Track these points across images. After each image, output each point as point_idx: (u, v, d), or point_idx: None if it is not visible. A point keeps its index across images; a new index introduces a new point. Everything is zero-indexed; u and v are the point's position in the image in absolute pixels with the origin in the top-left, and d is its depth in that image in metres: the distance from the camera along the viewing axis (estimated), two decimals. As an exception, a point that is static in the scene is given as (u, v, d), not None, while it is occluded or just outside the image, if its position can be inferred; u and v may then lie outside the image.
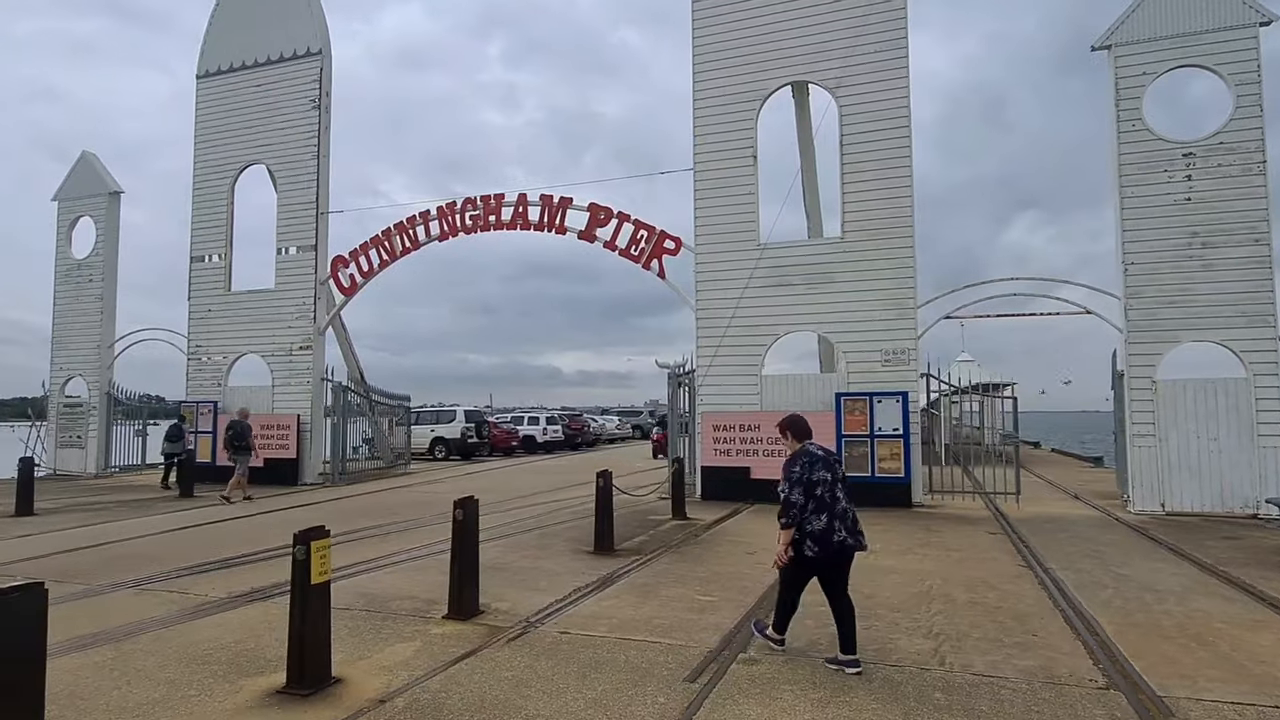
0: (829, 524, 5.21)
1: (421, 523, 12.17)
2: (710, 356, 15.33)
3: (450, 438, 27.71)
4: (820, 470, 5.35)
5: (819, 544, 5.21)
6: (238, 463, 15.62)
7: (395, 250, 18.38)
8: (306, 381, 18.79)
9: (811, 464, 5.38)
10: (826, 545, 5.20)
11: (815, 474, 5.33)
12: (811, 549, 5.23)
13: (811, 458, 5.44)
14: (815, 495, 5.25)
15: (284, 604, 6.94)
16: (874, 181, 14.40)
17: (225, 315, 19.69)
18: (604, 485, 9.60)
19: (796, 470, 5.37)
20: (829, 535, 5.20)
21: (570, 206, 16.79)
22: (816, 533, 5.21)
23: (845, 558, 5.34)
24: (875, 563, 8.77)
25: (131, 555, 9.53)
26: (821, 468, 5.37)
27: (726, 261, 15.33)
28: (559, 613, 6.70)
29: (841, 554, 5.29)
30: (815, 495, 5.25)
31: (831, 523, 5.22)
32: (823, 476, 5.32)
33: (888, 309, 14.20)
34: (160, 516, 13.09)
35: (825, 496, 5.27)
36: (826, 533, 5.20)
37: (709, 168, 15.60)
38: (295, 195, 19.28)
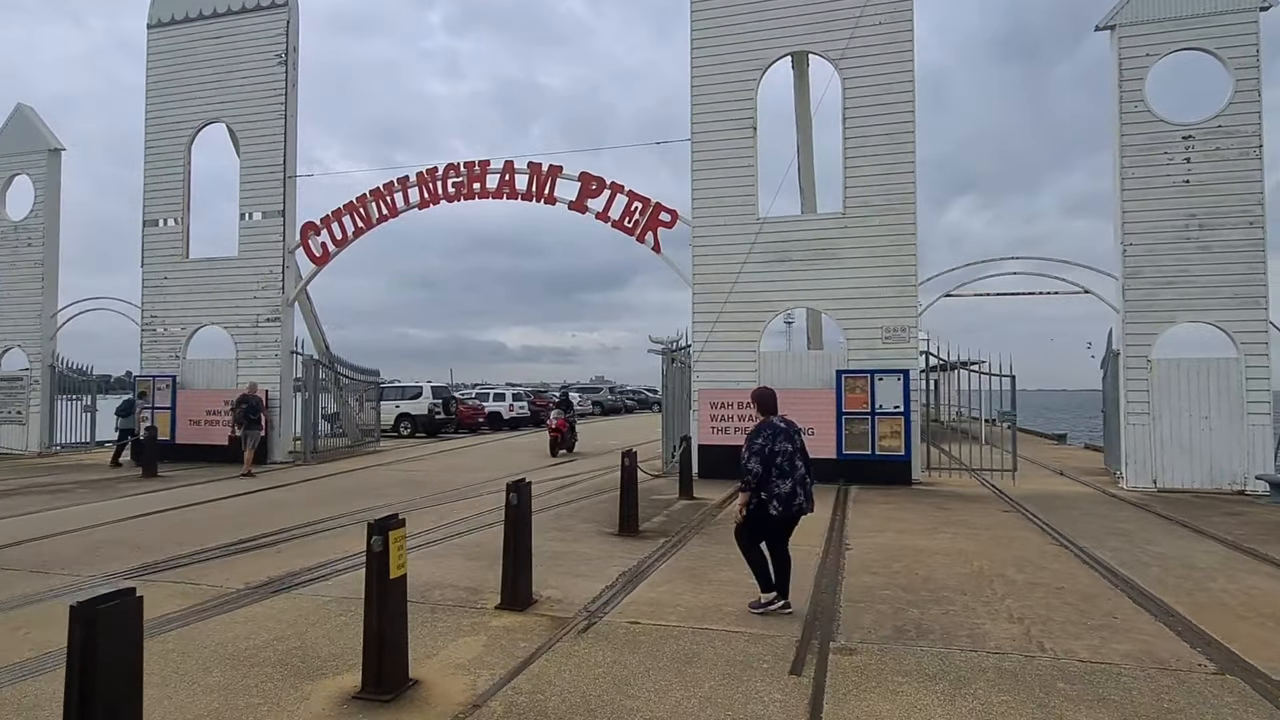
0: (792, 488, 5.78)
1: (416, 504, 11.60)
2: (707, 332, 15.01)
3: (417, 414, 26.87)
4: (782, 442, 5.88)
5: (783, 504, 5.76)
6: (249, 438, 15.61)
7: (371, 218, 17.46)
8: (274, 355, 17.81)
9: (774, 436, 5.90)
10: (789, 505, 5.77)
11: (777, 445, 5.85)
12: (776, 508, 5.77)
13: (774, 430, 5.95)
14: (776, 464, 5.79)
15: (312, 596, 6.42)
16: (876, 156, 14.20)
17: (183, 284, 18.47)
18: (629, 466, 9.23)
19: (759, 442, 5.90)
20: (791, 497, 5.78)
21: (560, 176, 16.17)
22: (782, 495, 5.75)
23: (798, 517, 5.94)
24: (909, 543, 8.65)
25: (114, 542, 8.77)
26: (783, 439, 5.90)
27: (725, 235, 14.99)
28: (616, 601, 6.33)
29: (799, 514, 5.89)
30: (776, 464, 5.79)
31: (794, 487, 5.79)
32: (784, 447, 5.86)
33: (889, 286, 14.09)
34: (129, 499, 12.19)
35: (785, 465, 5.80)
36: (790, 495, 5.77)
37: (707, 138, 15.17)
38: (259, 157, 18.12)
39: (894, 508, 11.13)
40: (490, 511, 10.76)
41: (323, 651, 5.13)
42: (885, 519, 10.18)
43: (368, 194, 17.44)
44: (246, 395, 16.13)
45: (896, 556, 7.91)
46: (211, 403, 17.86)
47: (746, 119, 14.98)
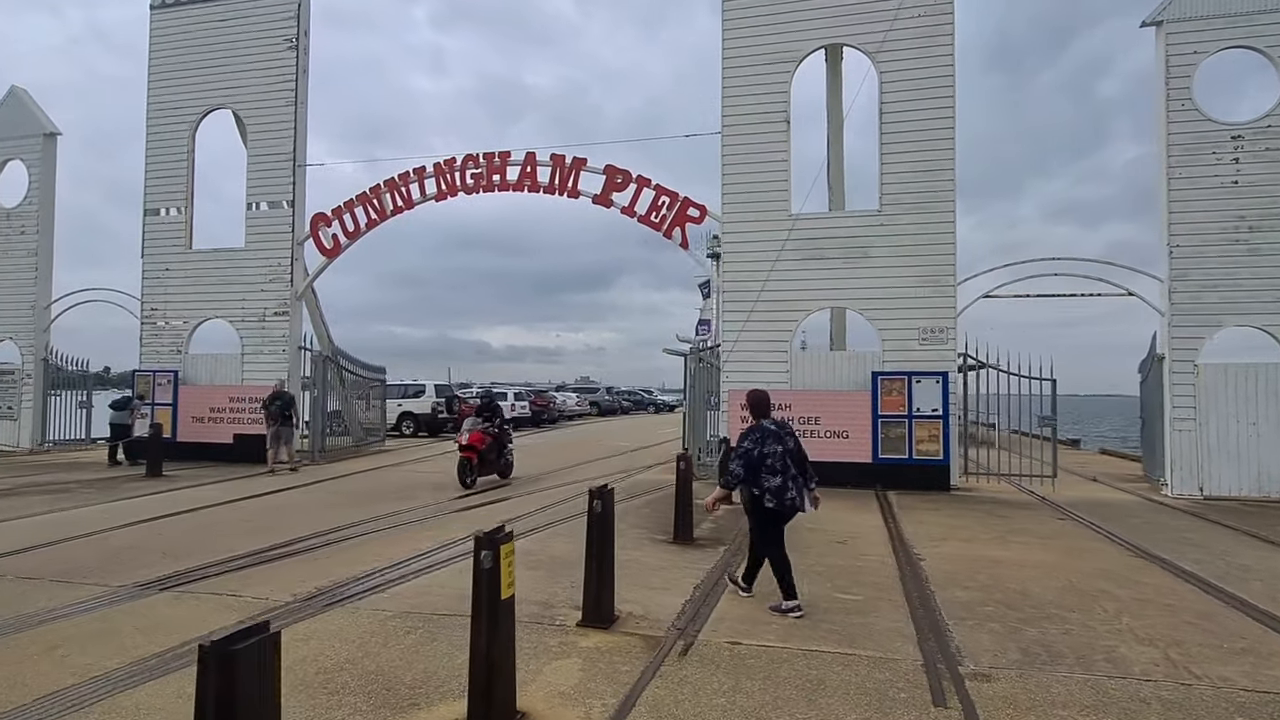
0: (783, 482, 5.95)
1: (444, 508, 11.06)
2: (737, 331, 14.56)
3: (420, 413, 26.24)
4: (771, 444, 6.02)
5: (774, 496, 5.94)
6: (283, 435, 15.45)
7: (385, 209, 16.87)
8: (282, 350, 17.17)
9: (763, 439, 6.04)
10: (780, 498, 5.94)
11: (765, 447, 6.00)
12: (770, 501, 5.96)
13: (763, 432, 6.09)
14: (766, 464, 5.95)
15: (370, 612, 5.88)
16: (914, 152, 13.81)
17: (186, 276, 17.78)
18: (684, 470, 8.75)
19: (746, 445, 6.06)
20: (783, 491, 5.95)
21: (584, 168, 15.67)
22: (773, 489, 5.95)
23: (792, 513, 6.06)
24: (981, 553, 8.24)
25: (135, 547, 8.17)
26: (773, 441, 6.04)
27: (756, 232, 14.54)
28: (702, 617, 5.85)
29: (791, 509, 6.02)
30: (766, 464, 5.95)
31: (785, 482, 5.96)
32: (773, 449, 6.01)
33: (925, 285, 13.70)
34: (139, 500, 11.55)
35: (776, 465, 5.98)
36: (781, 488, 5.94)
37: (738, 132, 14.72)
38: (268, 145, 17.47)
39: (945, 515, 10.73)
40: (525, 516, 10.25)
41: (405, 677, 4.62)
42: (943, 527, 9.77)
43: (381, 184, 16.85)
44: (280, 392, 15.74)
45: (977, 568, 7.48)
46: (215, 399, 17.20)
47: (779, 113, 14.54)
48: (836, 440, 13.79)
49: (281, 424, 15.42)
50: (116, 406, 16.81)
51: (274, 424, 15.34)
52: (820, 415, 13.93)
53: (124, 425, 16.52)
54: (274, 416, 15.34)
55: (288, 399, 15.69)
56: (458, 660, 4.87)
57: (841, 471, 13.48)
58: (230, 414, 17.05)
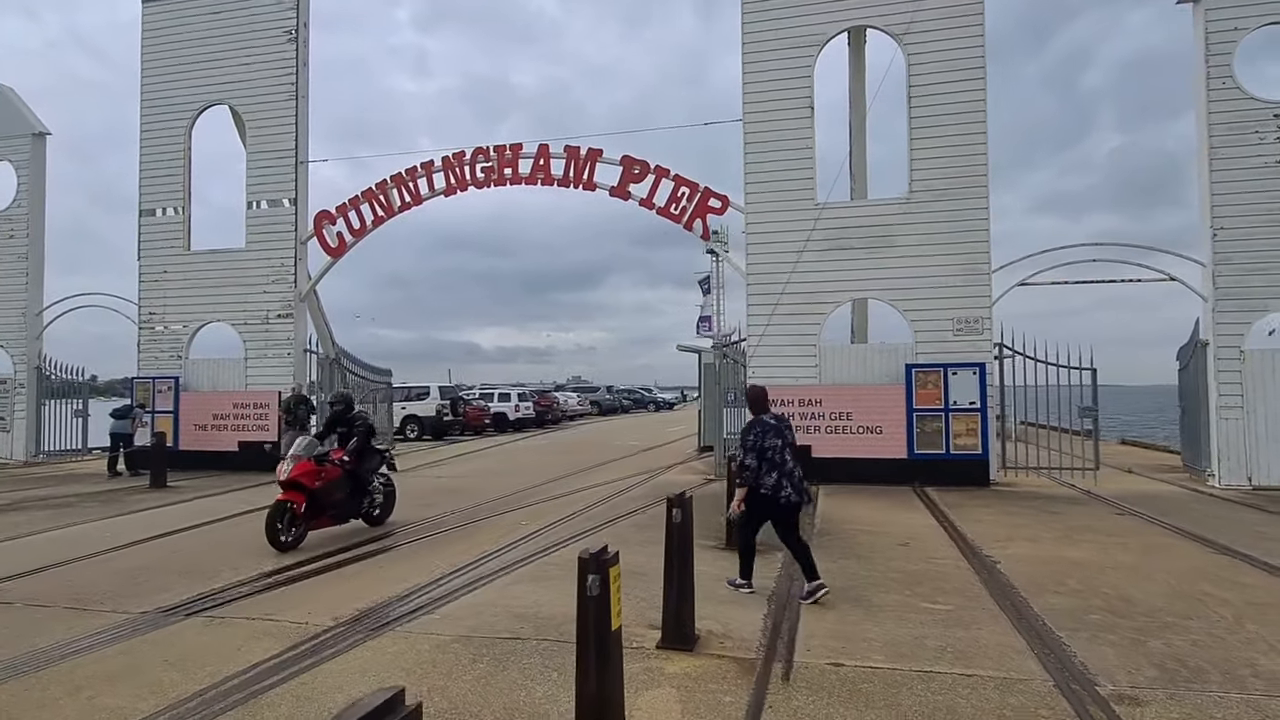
0: (778, 480, 6.12)
1: (472, 516, 10.51)
2: (763, 326, 14.07)
3: (424, 416, 25.63)
4: (771, 437, 6.19)
5: (770, 492, 6.11)
6: None
7: (393, 205, 16.28)
8: (287, 354, 16.55)
9: (764, 432, 6.21)
10: (776, 494, 6.11)
11: (767, 441, 6.17)
12: (764, 493, 6.13)
13: (764, 426, 6.26)
14: (767, 458, 6.13)
15: (425, 636, 5.32)
16: (945, 136, 13.35)
17: (185, 278, 17.13)
18: (737, 471, 8.21)
19: (751, 438, 6.23)
20: (777, 489, 6.11)
21: (600, 159, 15.13)
22: (768, 486, 6.12)
23: (790, 509, 6.19)
24: (1057, 554, 7.77)
25: (150, 567, 7.60)
26: (773, 435, 6.21)
27: (780, 222, 14.05)
28: (788, 634, 5.35)
29: (787, 504, 6.14)
30: (767, 458, 6.13)
31: (780, 480, 6.12)
32: (773, 443, 6.18)
33: (959, 274, 13.25)
34: (146, 514, 10.95)
35: (775, 458, 6.14)
36: (776, 487, 6.11)
37: (760, 119, 14.22)
38: (268, 141, 16.84)
39: (997, 512, 10.26)
40: (559, 523, 9.71)
41: (485, 713, 4.09)
42: (1001, 526, 9.29)
43: (388, 180, 16.26)
44: (304, 396, 15.25)
45: (1059, 571, 7.00)
46: (219, 406, 16.57)
47: (804, 99, 14.05)
48: (870, 436, 13.32)
49: (300, 430, 14.80)
50: (117, 415, 16.16)
51: (293, 428, 14.71)
52: (852, 410, 13.45)
53: (125, 435, 15.89)
54: (298, 420, 14.73)
55: (312, 403, 15.21)
56: (537, 693, 4.36)
57: (875, 468, 13.04)
58: (234, 421, 16.43)
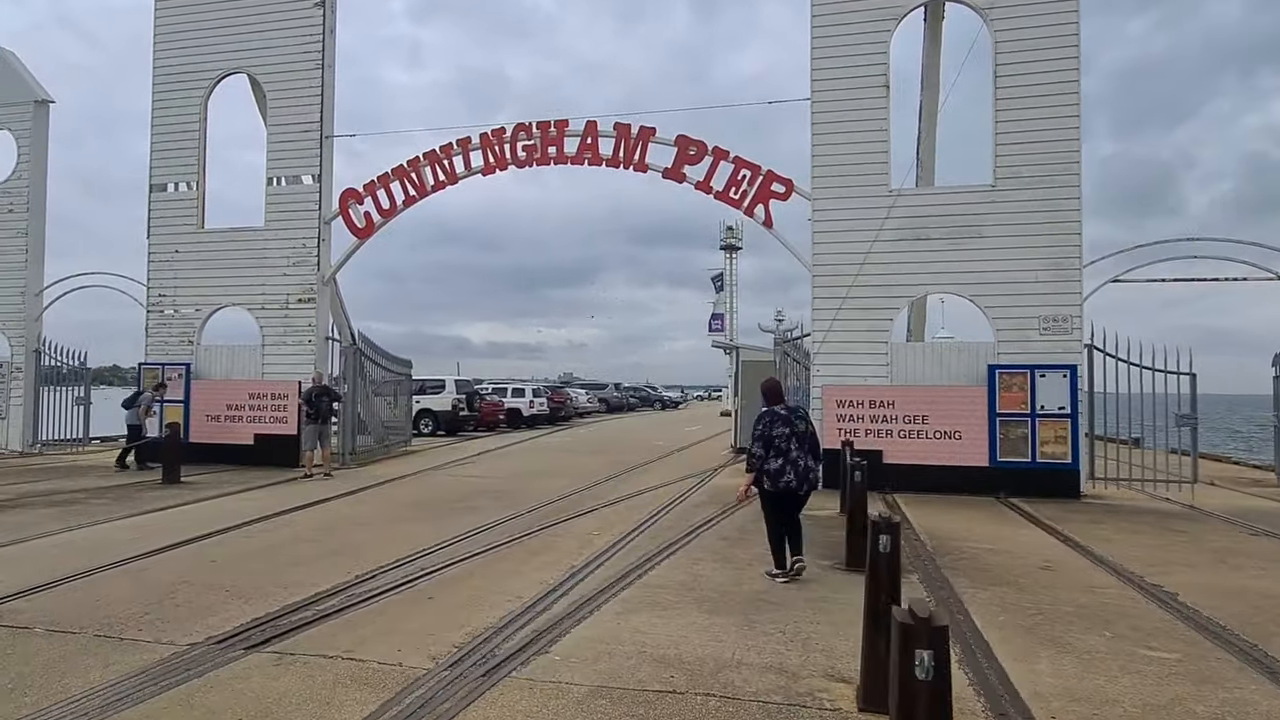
0: (781, 466, 6.40)
1: (531, 522, 9.44)
2: (828, 321, 13.06)
3: (439, 410, 24.52)
4: (780, 427, 6.47)
5: (771, 480, 6.43)
6: (323, 434, 13.87)
7: (425, 184, 15.18)
8: (308, 341, 15.43)
9: (772, 421, 6.49)
10: (776, 481, 6.41)
11: (774, 430, 6.45)
12: (767, 483, 6.46)
13: (774, 416, 6.54)
14: (774, 446, 6.42)
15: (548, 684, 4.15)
16: (1033, 120, 12.37)
17: (198, 258, 15.98)
18: (860, 482, 7.21)
19: (759, 428, 6.52)
20: (780, 474, 6.41)
21: (653, 139, 14.07)
22: (771, 471, 6.43)
23: (792, 495, 6.50)
24: (1237, 583, 6.79)
25: (186, 582, 6.51)
26: (781, 424, 6.48)
27: (851, 210, 13.05)
28: (1005, 685, 4.33)
29: (787, 490, 6.44)
30: (774, 446, 6.42)
31: (783, 465, 6.40)
32: (781, 431, 6.45)
33: (1047, 268, 12.28)
34: (165, 514, 9.84)
35: (781, 445, 6.43)
36: (778, 472, 6.41)
37: (830, 98, 13.21)
38: (291, 114, 15.71)
39: (1116, 530, 9.29)
40: (635, 534, 8.67)
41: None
42: (1137, 547, 8.31)
43: (421, 157, 15.15)
44: (326, 386, 14.37)
45: (1261, 608, 6.01)
46: (234, 395, 15.43)
47: (879, 76, 13.05)
48: (947, 441, 12.34)
49: (325, 422, 13.82)
50: (127, 405, 14.97)
51: (314, 422, 13.69)
52: (928, 414, 12.46)
53: (138, 426, 14.70)
54: (320, 413, 13.69)
55: (335, 394, 14.20)
56: (746, 780, 3.30)
57: (953, 476, 12.06)
58: (251, 412, 15.30)
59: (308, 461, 13.75)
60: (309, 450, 13.80)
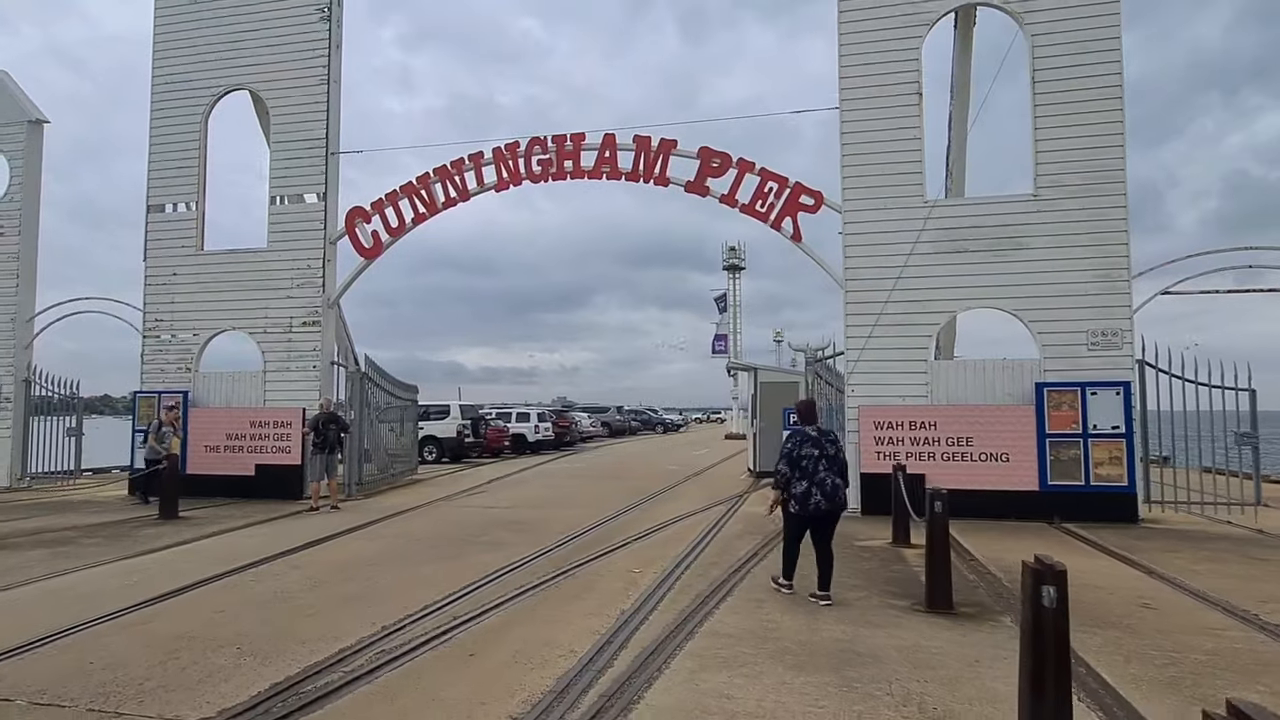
0: (808, 488, 6.39)
1: (562, 561, 8.70)
2: (863, 339, 12.44)
3: (444, 437, 23.75)
4: (808, 447, 6.46)
5: (799, 503, 6.42)
6: (330, 464, 13.07)
7: (435, 201, 14.57)
8: (312, 366, 14.72)
9: (801, 442, 6.49)
10: (804, 504, 6.40)
11: (803, 450, 6.45)
12: (794, 506, 6.46)
13: (803, 437, 6.55)
14: (800, 466, 6.42)
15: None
16: (1075, 126, 11.86)
17: (197, 281, 15.30)
18: (941, 511, 6.51)
19: (788, 447, 6.54)
20: (806, 497, 6.39)
21: (674, 152, 13.52)
22: (798, 494, 6.42)
23: (821, 517, 6.46)
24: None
25: (192, 637, 5.75)
26: (810, 445, 6.47)
27: (884, 222, 12.49)
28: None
29: (817, 513, 6.42)
30: (800, 466, 6.42)
31: (809, 488, 6.39)
32: (809, 452, 6.44)
33: (1093, 281, 11.70)
34: (162, 555, 9.07)
35: (809, 467, 6.41)
36: (805, 495, 6.40)
37: (860, 106, 12.69)
38: (295, 130, 15.14)
39: (1195, 559, 8.59)
40: (680, 571, 7.92)
41: None
42: (1227, 578, 7.61)
43: (431, 173, 14.56)
44: (334, 413, 13.64)
45: None
46: (233, 424, 14.67)
47: (909, 84, 12.55)
48: (994, 465, 11.66)
49: (333, 452, 13.07)
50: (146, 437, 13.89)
51: (321, 451, 12.91)
52: (973, 435, 11.79)
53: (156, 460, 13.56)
54: (328, 442, 12.93)
55: (344, 422, 13.49)
56: None
57: (1001, 501, 11.37)
58: (252, 441, 14.54)
59: (314, 494, 12.99)
60: (315, 482, 13.03)
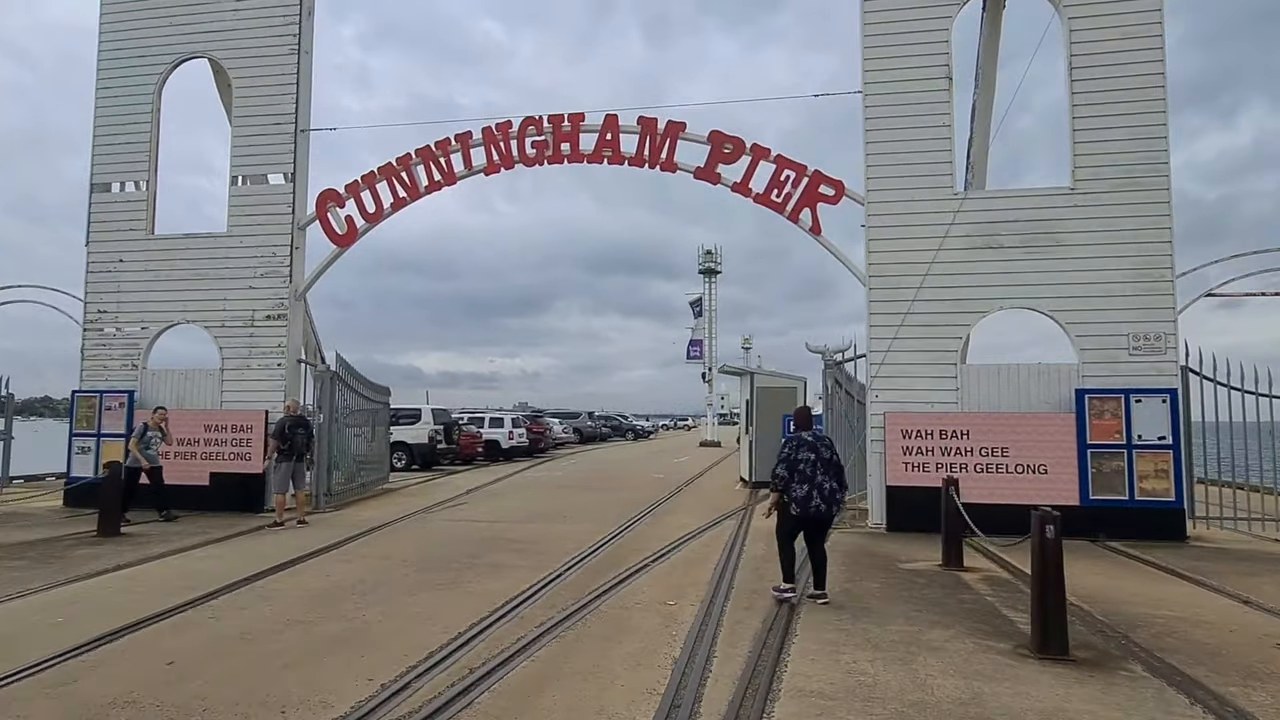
0: (808, 492, 6.64)
1: (577, 590, 7.54)
2: (888, 340, 11.51)
3: (415, 443, 22.26)
4: (805, 451, 6.74)
5: (799, 505, 6.67)
6: (297, 473, 11.65)
7: (418, 184, 13.28)
8: (276, 364, 13.29)
9: (798, 447, 6.78)
10: (804, 507, 6.65)
11: (800, 454, 6.73)
12: (794, 508, 6.70)
13: (800, 441, 6.83)
14: (798, 470, 6.69)
15: None
16: (1116, 116, 11.11)
17: (146, 268, 13.75)
18: (1053, 537, 5.50)
19: (786, 451, 6.83)
20: (807, 500, 6.64)
21: (683, 136, 12.47)
22: (799, 497, 6.67)
23: (819, 519, 6.74)
24: None
25: (125, 704, 4.47)
26: (807, 450, 6.75)
27: (911, 214, 11.59)
28: None
29: (816, 515, 6.69)
30: (798, 470, 6.69)
31: (810, 491, 6.65)
32: (806, 456, 6.72)
33: (1135, 280, 10.94)
34: (101, 581, 7.65)
35: (807, 471, 6.68)
36: (805, 498, 6.65)
37: (885, 90, 11.80)
38: (260, 104, 13.71)
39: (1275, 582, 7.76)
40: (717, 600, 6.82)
41: None
42: (1340, 609, 6.77)
43: (413, 154, 13.27)
44: (300, 416, 12.26)
45: None
46: (185, 428, 13.12)
47: (939, 67, 11.69)
48: (1032, 477, 10.80)
49: (299, 459, 11.68)
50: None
51: (288, 459, 11.51)
52: (1008, 445, 10.92)
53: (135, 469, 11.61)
54: (295, 449, 11.55)
55: (311, 428, 12.11)
56: None
57: (1038, 517, 10.47)
58: (207, 447, 13.04)
59: (279, 506, 11.57)
60: (280, 494, 11.62)
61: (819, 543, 6.87)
